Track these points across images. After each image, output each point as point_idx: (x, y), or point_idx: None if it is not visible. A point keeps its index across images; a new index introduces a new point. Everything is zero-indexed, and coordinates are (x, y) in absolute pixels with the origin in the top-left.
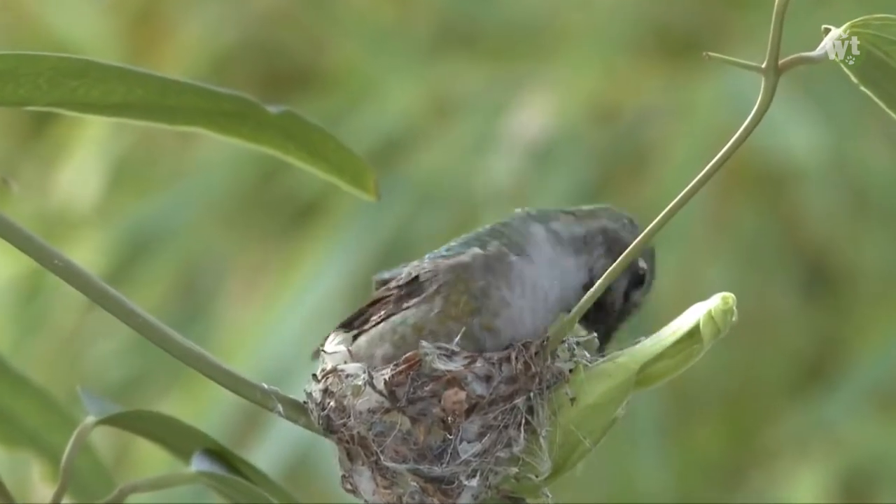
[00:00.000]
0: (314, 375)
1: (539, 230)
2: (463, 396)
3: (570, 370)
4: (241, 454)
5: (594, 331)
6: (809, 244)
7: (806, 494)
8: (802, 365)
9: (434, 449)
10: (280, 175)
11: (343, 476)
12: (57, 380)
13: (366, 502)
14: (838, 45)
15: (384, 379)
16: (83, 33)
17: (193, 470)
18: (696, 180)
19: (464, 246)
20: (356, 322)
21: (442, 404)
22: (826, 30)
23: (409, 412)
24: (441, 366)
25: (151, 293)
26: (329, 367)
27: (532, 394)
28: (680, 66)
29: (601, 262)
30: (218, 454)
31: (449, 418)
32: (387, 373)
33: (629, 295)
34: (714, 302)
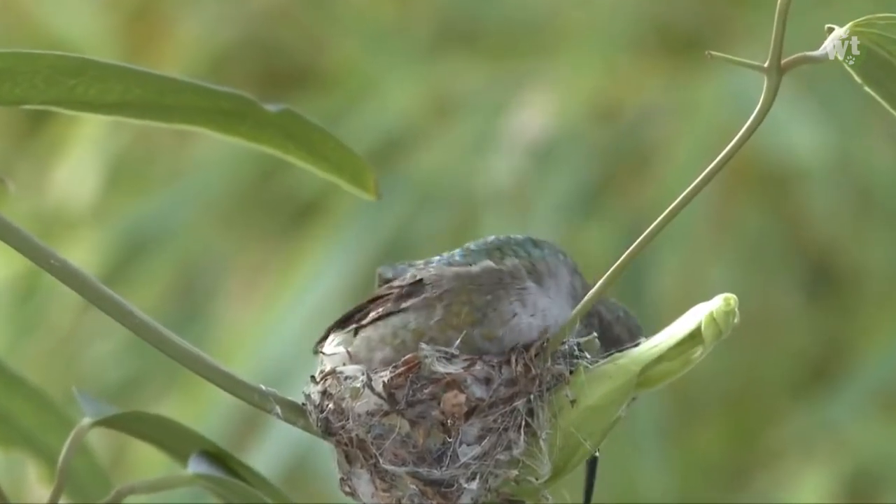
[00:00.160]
0: (312, 377)
1: (565, 274)
2: (462, 399)
3: (571, 372)
4: (240, 456)
5: None
6: (813, 244)
7: (810, 496)
8: (806, 366)
9: (433, 452)
10: (279, 174)
11: (342, 479)
12: (53, 381)
13: None
14: (842, 45)
15: (383, 381)
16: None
17: (191, 472)
18: (699, 180)
19: (477, 255)
20: (355, 317)
21: (441, 407)
22: (829, 29)
23: (409, 415)
24: (440, 368)
25: (149, 293)
26: (328, 369)
27: (532, 396)
28: (682, 65)
29: (584, 333)
30: (215, 456)
31: (448, 421)
32: (386, 375)
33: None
34: (716, 303)
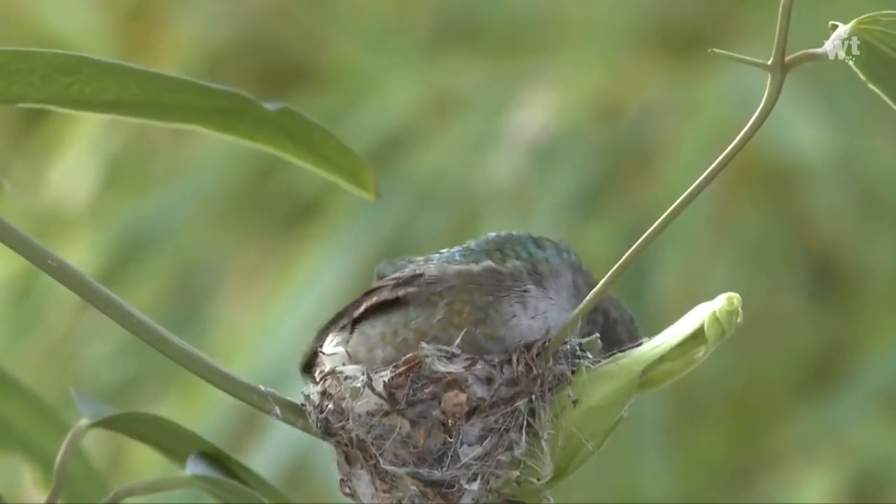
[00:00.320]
0: (312, 377)
1: (568, 273)
2: (463, 399)
3: (573, 372)
4: (239, 457)
5: None
6: (817, 243)
7: (813, 497)
8: (809, 366)
9: (434, 452)
10: (278, 173)
11: (341, 480)
12: (50, 381)
13: None
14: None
15: (383, 381)
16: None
17: (189, 473)
18: (702, 178)
19: (478, 254)
20: (348, 310)
21: (442, 407)
22: (833, 26)
23: (409, 415)
24: (441, 367)
25: (146, 293)
26: (327, 369)
27: (534, 396)
28: (684, 63)
29: (586, 329)
30: (214, 457)
31: (449, 421)
32: (386, 375)
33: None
34: (719, 302)
